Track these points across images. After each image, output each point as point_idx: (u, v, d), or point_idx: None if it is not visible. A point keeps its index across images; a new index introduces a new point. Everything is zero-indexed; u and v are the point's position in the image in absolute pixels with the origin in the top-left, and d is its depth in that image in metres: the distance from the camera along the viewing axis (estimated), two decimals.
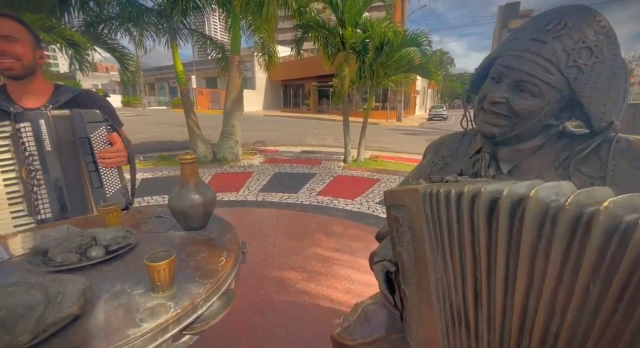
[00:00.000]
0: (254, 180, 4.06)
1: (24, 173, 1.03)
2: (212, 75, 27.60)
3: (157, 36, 5.95)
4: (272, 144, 8.06)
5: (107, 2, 4.88)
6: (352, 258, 1.97)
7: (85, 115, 1.12)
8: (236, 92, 5.58)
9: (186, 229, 0.94)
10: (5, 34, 0.99)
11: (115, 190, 1.17)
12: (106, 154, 1.13)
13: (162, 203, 3.10)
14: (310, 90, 23.69)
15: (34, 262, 0.69)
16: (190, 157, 0.91)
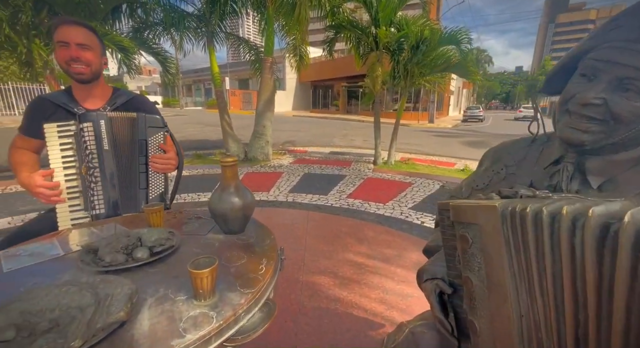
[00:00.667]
0: (284, 181, 4.09)
1: (84, 170, 1.09)
2: (245, 77, 28.54)
3: (196, 40, 6.23)
4: (301, 145, 8.11)
5: (153, 9, 5.18)
6: (385, 266, 1.88)
7: (148, 119, 1.18)
8: (268, 93, 5.67)
9: (225, 232, 0.93)
10: (81, 42, 1.08)
11: (157, 193, 1.21)
12: (158, 159, 1.17)
13: (197, 201, 3.22)
14: (340, 91, 23.61)
15: (85, 261, 0.71)
16: (231, 160, 0.90)
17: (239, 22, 6.59)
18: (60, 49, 1.09)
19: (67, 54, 1.08)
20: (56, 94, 1.21)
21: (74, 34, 1.09)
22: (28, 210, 2.76)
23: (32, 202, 2.96)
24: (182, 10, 5.76)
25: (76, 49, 1.09)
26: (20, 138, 1.19)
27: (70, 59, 1.09)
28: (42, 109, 1.16)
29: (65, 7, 4.17)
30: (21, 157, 1.17)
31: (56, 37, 1.09)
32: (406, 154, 6.70)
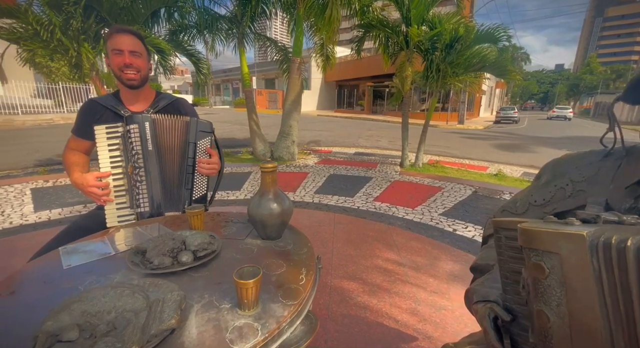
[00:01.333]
0: (310, 181, 4.10)
1: (130, 169, 1.14)
2: (271, 77, 29.06)
3: (227, 41, 6.41)
4: (326, 145, 8.10)
5: (188, 12, 5.40)
6: (416, 274, 1.82)
7: (200, 124, 1.22)
8: (295, 93, 5.71)
9: (263, 238, 0.93)
10: (133, 50, 1.14)
11: (200, 194, 1.24)
12: (205, 163, 1.21)
13: (225, 199, 3.30)
14: (365, 91, 23.33)
15: (135, 261, 0.73)
16: (271, 166, 0.89)
17: (268, 23, 6.66)
18: (114, 56, 1.16)
19: (120, 60, 1.15)
20: (105, 97, 1.28)
21: (127, 42, 1.15)
22: (75, 202, 2.97)
23: (79, 195, 3.19)
24: (215, 13, 5.94)
25: (129, 56, 1.15)
26: (73, 139, 1.27)
27: (124, 65, 1.15)
28: (93, 111, 1.23)
29: (110, 12, 4.45)
30: (73, 158, 1.25)
31: (111, 45, 1.16)
32: (434, 156, 6.48)
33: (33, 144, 6.82)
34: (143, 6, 4.80)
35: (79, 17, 4.08)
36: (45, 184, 3.49)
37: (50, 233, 2.27)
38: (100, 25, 4.52)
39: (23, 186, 3.36)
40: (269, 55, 7.50)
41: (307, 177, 4.29)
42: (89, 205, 2.91)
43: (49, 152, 5.81)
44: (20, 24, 3.92)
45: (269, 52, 7.22)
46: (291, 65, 5.69)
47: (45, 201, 2.96)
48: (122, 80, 1.18)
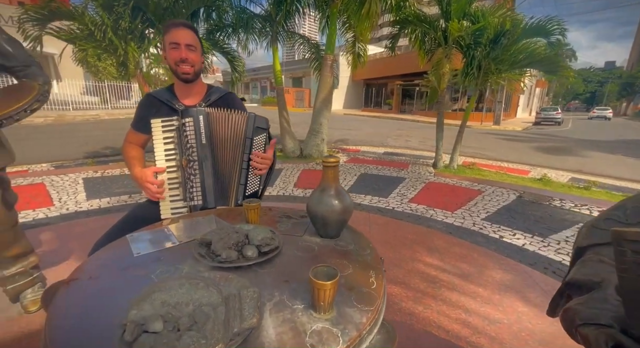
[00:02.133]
0: (341, 180, 4.04)
1: (184, 162, 1.16)
2: (298, 75, 29.31)
3: (259, 39, 6.51)
4: (354, 143, 8.00)
5: (225, 11, 5.53)
6: (463, 283, 1.71)
7: (257, 120, 1.21)
8: (327, 91, 5.67)
9: (321, 236, 0.89)
10: (189, 43, 1.16)
11: (253, 190, 1.24)
12: (259, 158, 1.20)
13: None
14: (394, 90, 22.81)
15: (201, 253, 0.73)
16: (334, 161, 0.85)
17: (298, 22, 6.66)
18: (171, 50, 1.17)
19: (177, 55, 1.16)
20: (161, 91, 1.30)
21: (184, 36, 1.16)
22: (121, 192, 3.15)
23: (124, 185, 3.38)
24: (250, 12, 6.05)
25: (185, 50, 1.16)
26: (131, 132, 1.31)
27: (180, 59, 1.16)
28: (150, 105, 1.26)
29: (154, 13, 4.66)
30: (132, 152, 1.29)
31: (168, 38, 1.17)
32: (469, 158, 6.17)
33: (82, 137, 7.36)
34: (184, 6, 4.98)
35: (127, 18, 4.32)
36: (95, 174, 3.73)
37: (101, 221, 2.42)
38: (145, 26, 4.76)
39: (76, 176, 3.62)
40: (297, 53, 7.54)
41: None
42: (133, 196, 3.07)
43: (96, 145, 6.24)
44: (77, 26, 4.21)
45: (299, 50, 7.24)
46: (323, 63, 5.66)
47: (95, 190, 3.16)
48: (178, 74, 1.19)
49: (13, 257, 1.32)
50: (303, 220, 1.02)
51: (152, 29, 4.85)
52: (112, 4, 4.19)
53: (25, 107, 1.00)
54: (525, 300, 1.54)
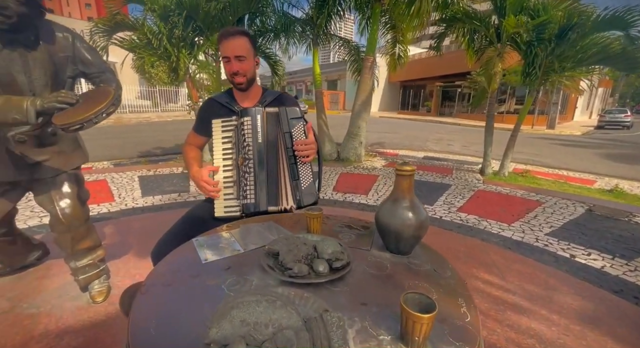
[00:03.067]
0: (381, 184, 3.91)
1: (240, 160, 1.15)
2: (333, 78, 29.39)
3: (299, 43, 6.59)
4: (391, 147, 7.77)
5: (269, 17, 5.68)
6: (532, 307, 1.51)
7: (289, 111, 1.19)
8: (366, 93, 5.56)
9: (392, 251, 0.82)
10: (239, 55, 1.16)
11: (308, 183, 1.20)
12: (302, 145, 1.17)
13: None
14: (433, 91, 21.88)
15: (269, 264, 0.69)
16: (409, 169, 0.77)
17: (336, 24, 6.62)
18: (224, 64, 1.20)
19: (229, 68, 1.19)
20: (221, 94, 1.33)
21: (231, 48, 1.16)
22: (171, 190, 3.33)
23: (173, 184, 3.57)
24: (292, 16, 6.16)
25: (235, 63, 1.17)
26: (192, 134, 1.34)
27: (232, 73, 1.19)
28: (211, 109, 1.29)
29: (204, 21, 4.92)
30: (192, 153, 1.32)
31: (221, 51, 1.19)
32: (520, 165, 5.67)
33: (136, 137, 8.01)
34: (231, 14, 5.19)
35: (180, 26, 4.60)
36: (148, 173, 4.00)
37: (156, 217, 2.56)
38: (195, 33, 5.04)
39: (132, 173, 3.91)
40: (335, 56, 7.53)
41: (377, 180, 4.11)
42: (182, 194, 3.22)
43: (148, 145, 6.74)
44: (137, 36, 4.59)
45: (337, 53, 7.22)
46: (363, 65, 5.56)
47: (149, 188, 3.38)
48: (234, 84, 1.23)
49: (85, 250, 1.42)
50: (366, 232, 0.95)
51: (202, 37, 5.13)
52: (168, 14, 4.50)
53: (103, 111, 1.05)
54: (614, 336, 1.31)
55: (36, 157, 1.28)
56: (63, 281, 1.58)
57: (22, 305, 1.41)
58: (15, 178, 1.29)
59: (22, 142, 1.23)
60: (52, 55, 1.20)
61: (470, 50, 5.18)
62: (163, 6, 4.52)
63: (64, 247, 1.38)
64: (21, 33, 1.10)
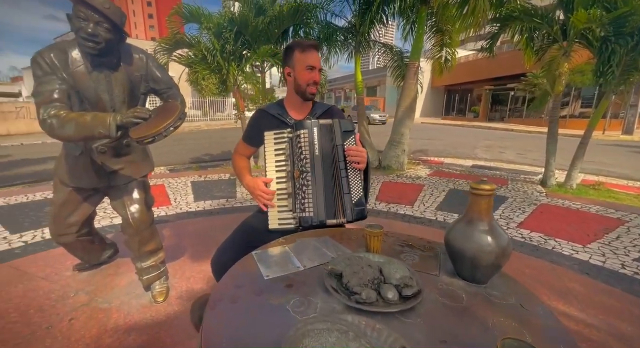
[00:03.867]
0: (428, 195, 3.70)
1: (297, 173, 1.15)
2: (373, 85, 29.12)
3: (341, 51, 6.64)
4: (435, 155, 7.39)
5: (312, 27, 5.82)
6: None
7: (343, 124, 1.17)
8: (410, 99, 5.38)
9: (465, 278, 0.73)
10: (316, 66, 1.20)
11: (359, 197, 1.16)
12: (354, 151, 1.14)
13: None
14: (482, 95, 20.49)
15: (334, 286, 0.65)
16: (488, 189, 0.69)
17: (378, 31, 6.53)
18: (307, 72, 1.20)
19: (311, 78, 1.20)
20: (272, 106, 1.35)
21: (317, 60, 1.21)
22: (220, 196, 3.51)
23: (222, 190, 3.76)
24: (335, 26, 6.23)
25: (317, 74, 1.21)
26: (242, 145, 1.38)
27: (314, 82, 1.21)
28: (262, 120, 1.31)
29: (252, 35, 5.19)
30: (243, 163, 1.36)
31: (305, 60, 1.20)
32: (591, 176, 4.99)
33: (188, 145, 8.67)
34: (277, 27, 5.42)
35: (231, 42, 4.92)
36: (199, 179, 4.28)
37: (206, 222, 2.69)
38: (244, 47, 5.35)
39: (186, 179, 4.22)
40: (375, 62, 7.43)
41: (423, 190, 3.90)
42: (230, 200, 3.37)
43: (199, 152, 7.25)
44: (194, 52, 5.00)
45: (378, 59, 7.13)
46: (408, 70, 5.40)
47: (201, 193, 3.60)
48: (305, 93, 1.22)
49: (149, 252, 1.53)
50: (432, 254, 0.87)
51: (249, 50, 5.42)
52: (221, 31, 4.84)
53: (171, 125, 1.13)
54: None
55: (113, 166, 1.42)
56: (130, 279, 1.72)
57: (97, 299, 1.56)
58: (97, 185, 1.44)
59: (103, 152, 1.38)
60: (129, 75, 1.33)
61: (529, 51, 4.74)
62: (217, 24, 4.87)
63: (133, 249, 1.50)
64: (107, 57, 1.24)
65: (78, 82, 1.20)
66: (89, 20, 1.12)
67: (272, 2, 5.61)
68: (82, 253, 1.67)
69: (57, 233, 1.51)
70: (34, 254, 2.04)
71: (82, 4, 1.11)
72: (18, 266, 1.88)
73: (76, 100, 1.22)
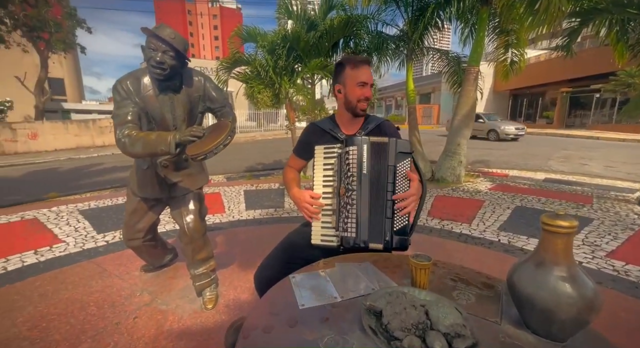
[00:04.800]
0: (488, 212, 3.32)
1: (342, 190, 1.11)
2: (426, 91, 27.85)
3: (392, 60, 6.49)
4: (497, 166, 6.67)
5: (362, 38, 5.82)
6: None
7: (399, 144, 1.10)
8: (468, 107, 4.97)
9: (536, 333, 0.61)
10: (368, 81, 1.18)
11: (402, 225, 1.07)
12: (403, 201, 1.06)
13: None
14: (557, 98, 18.04)
15: (371, 326, 0.59)
16: (567, 225, 0.56)
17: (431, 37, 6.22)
18: (358, 88, 1.20)
19: (362, 93, 1.20)
20: (323, 121, 1.35)
21: (368, 74, 1.20)
22: (269, 205, 3.64)
23: (271, 199, 3.91)
24: (385, 35, 6.14)
25: (369, 89, 1.20)
26: (293, 157, 1.40)
27: (365, 98, 1.20)
28: (313, 134, 1.32)
29: (303, 50, 5.39)
30: (291, 175, 1.38)
31: (357, 76, 1.19)
32: None
33: (243, 154, 9.30)
34: (327, 40, 5.54)
35: (283, 57, 5.18)
36: (251, 187, 4.52)
37: (256, 231, 2.80)
38: (295, 62, 5.58)
39: (239, 188, 4.49)
40: (429, 68, 7.09)
41: (483, 207, 3.52)
42: (278, 210, 3.48)
43: (252, 161, 7.70)
44: (249, 69, 5.39)
45: (432, 65, 6.80)
46: (466, 76, 5.02)
47: (252, 202, 3.79)
48: (356, 109, 1.22)
49: (201, 260, 1.63)
50: (491, 293, 0.75)
51: (300, 64, 5.64)
52: (274, 48, 5.13)
53: (221, 143, 1.20)
54: None
55: (174, 179, 1.57)
56: (185, 283, 1.85)
57: (157, 300, 1.71)
58: (160, 195, 1.60)
59: (165, 166, 1.53)
60: (189, 96, 1.47)
61: (620, 46, 4.04)
62: (271, 41, 5.18)
63: (187, 256, 1.62)
64: (171, 81, 1.38)
65: (147, 104, 1.36)
66: (157, 50, 1.27)
67: (323, 16, 5.78)
68: (147, 256, 1.86)
69: (127, 237, 1.71)
70: (113, 253, 2.35)
71: (153, 36, 1.27)
72: (100, 263, 2.18)
73: (145, 120, 1.38)
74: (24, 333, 1.45)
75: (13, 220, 3.13)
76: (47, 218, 3.17)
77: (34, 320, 1.54)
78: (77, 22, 13.76)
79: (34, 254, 2.35)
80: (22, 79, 13.31)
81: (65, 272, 2.06)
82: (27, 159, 9.44)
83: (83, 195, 4.39)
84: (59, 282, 1.92)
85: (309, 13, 6.04)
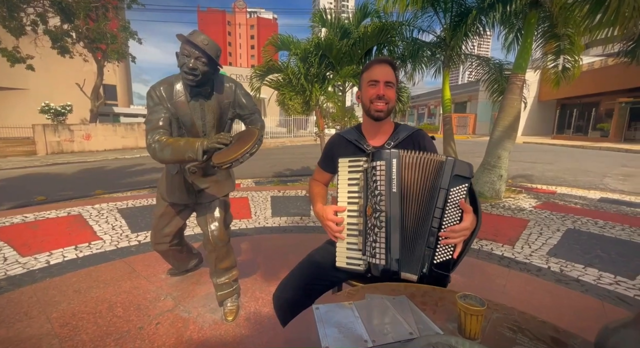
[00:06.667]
0: (534, 234, 2.99)
1: (369, 210, 1.00)
2: (462, 100, 26.69)
3: (427, 67, 6.27)
4: (543, 182, 6.11)
5: (397, 45, 5.68)
6: None
7: (457, 165, 0.95)
8: (512, 117, 4.61)
9: None
10: (388, 80, 1.07)
11: (444, 258, 0.93)
12: (452, 233, 0.92)
13: None
14: (615, 110, 16.32)
15: None
16: None
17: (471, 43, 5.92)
18: (369, 88, 1.12)
19: (374, 92, 1.11)
20: (349, 130, 1.26)
21: (383, 73, 1.11)
22: (294, 213, 3.59)
23: (297, 207, 3.86)
24: (421, 41, 5.95)
25: (383, 87, 1.10)
26: (318, 170, 1.32)
27: (376, 96, 1.10)
28: (337, 145, 1.23)
29: (335, 57, 5.37)
30: (317, 189, 1.29)
31: (368, 76, 1.13)
32: None
33: (272, 159, 9.44)
34: (360, 48, 5.47)
35: (315, 65, 5.19)
36: (278, 193, 4.52)
37: (280, 239, 2.73)
38: (327, 69, 5.57)
39: (266, 193, 4.51)
40: (465, 76, 6.73)
41: (528, 227, 3.19)
42: (304, 218, 3.41)
43: (281, 167, 7.78)
44: (282, 76, 5.47)
45: (470, 73, 6.44)
46: (510, 84, 4.68)
47: (278, 208, 3.77)
48: (370, 111, 1.13)
49: (223, 269, 1.60)
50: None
51: (332, 71, 5.62)
52: (307, 55, 5.16)
53: (248, 151, 1.15)
54: None
55: (201, 185, 1.55)
56: (208, 290, 1.83)
57: (180, 306, 1.70)
58: (187, 201, 1.60)
59: (193, 172, 1.52)
60: (219, 102, 1.45)
61: None
62: (304, 49, 5.22)
63: (210, 264, 1.60)
64: (202, 87, 1.38)
65: (178, 110, 1.36)
66: (190, 56, 1.27)
67: (357, 24, 5.74)
68: (173, 260, 1.87)
69: (154, 241, 1.72)
70: (143, 253, 2.42)
71: (187, 42, 1.27)
72: (130, 263, 2.24)
73: (175, 126, 1.39)
74: (56, 330, 1.49)
75: (61, 215, 3.38)
76: (89, 215, 3.38)
77: (66, 317, 1.59)
78: (130, 34, 15.05)
79: (74, 250, 2.49)
80: (81, 85, 14.78)
81: (99, 269, 2.14)
82: (80, 157, 10.37)
83: (123, 193, 4.67)
84: (93, 279, 2.00)
85: (343, 21, 6.03)
